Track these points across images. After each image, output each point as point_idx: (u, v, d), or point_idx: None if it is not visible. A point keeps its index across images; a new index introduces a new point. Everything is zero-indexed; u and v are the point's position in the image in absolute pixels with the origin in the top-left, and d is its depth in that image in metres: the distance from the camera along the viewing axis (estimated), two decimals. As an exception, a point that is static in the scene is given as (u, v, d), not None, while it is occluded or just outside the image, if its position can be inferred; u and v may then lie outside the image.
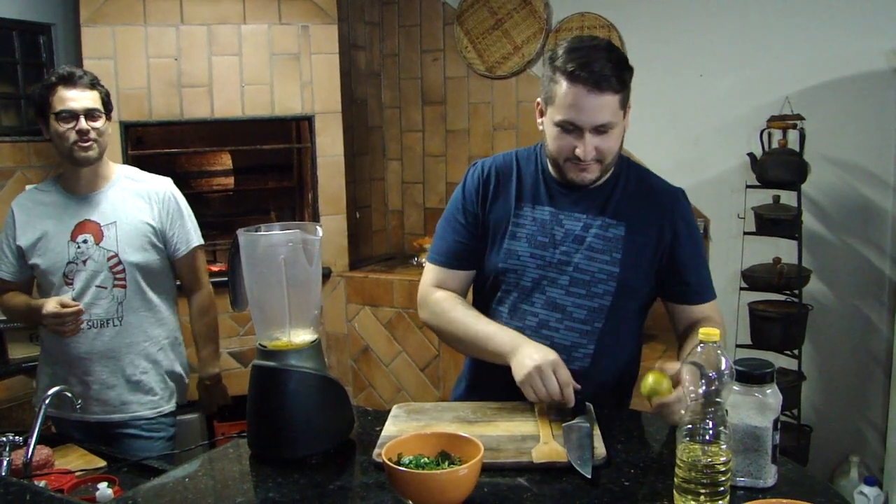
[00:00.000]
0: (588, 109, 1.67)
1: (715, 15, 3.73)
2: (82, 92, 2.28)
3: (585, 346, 1.81)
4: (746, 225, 3.47)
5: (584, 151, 1.70)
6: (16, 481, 1.59)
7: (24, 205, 2.40)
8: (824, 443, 3.60)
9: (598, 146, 1.71)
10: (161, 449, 2.42)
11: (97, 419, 2.38)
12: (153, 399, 2.43)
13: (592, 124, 1.68)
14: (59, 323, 2.23)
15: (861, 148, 3.49)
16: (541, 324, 1.82)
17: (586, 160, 1.71)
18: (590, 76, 1.65)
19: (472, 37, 4.29)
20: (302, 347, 1.55)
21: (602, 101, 1.67)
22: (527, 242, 1.82)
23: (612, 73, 1.66)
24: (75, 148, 2.27)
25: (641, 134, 3.99)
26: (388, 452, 1.31)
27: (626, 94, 1.72)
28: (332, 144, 3.98)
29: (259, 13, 3.79)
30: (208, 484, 1.48)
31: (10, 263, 2.40)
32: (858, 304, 3.57)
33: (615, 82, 1.67)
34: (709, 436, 1.21)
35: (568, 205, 1.82)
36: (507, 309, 1.85)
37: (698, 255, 1.87)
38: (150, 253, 2.39)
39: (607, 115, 1.68)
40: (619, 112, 1.71)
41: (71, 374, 2.36)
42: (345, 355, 4.16)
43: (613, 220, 1.80)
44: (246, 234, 1.57)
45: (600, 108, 1.67)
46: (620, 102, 1.70)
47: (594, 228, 1.80)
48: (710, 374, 1.25)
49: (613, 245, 1.79)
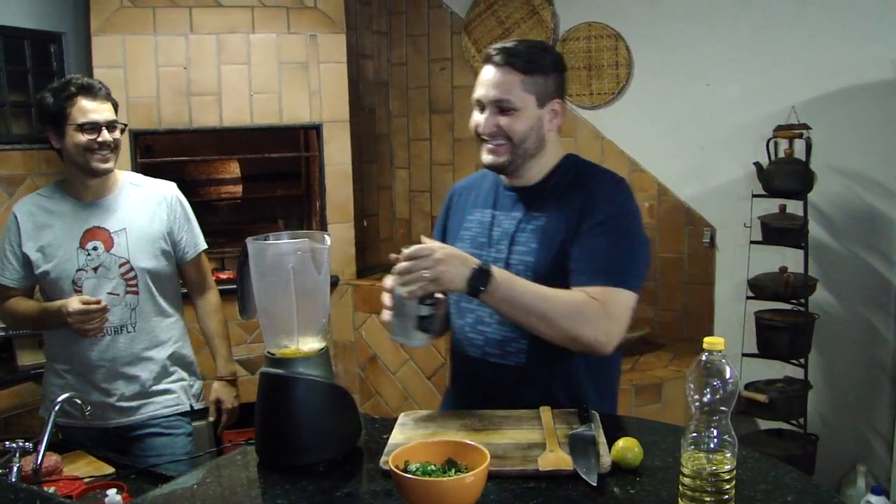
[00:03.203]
0: (488, 83, 1.77)
1: (721, 24, 3.74)
2: (102, 104, 2.29)
3: (518, 340, 1.81)
4: (753, 234, 3.47)
5: (483, 125, 1.78)
6: (26, 487, 1.61)
7: (29, 211, 2.37)
8: (831, 452, 3.59)
9: (500, 124, 1.77)
10: (183, 445, 2.44)
11: (115, 424, 2.38)
12: (170, 398, 2.45)
13: (489, 98, 1.77)
14: (85, 320, 2.23)
15: (867, 157, 3.49)
16: (477, 320, 1.86)
17: (484, 134, 1.79)
18: (498, 54, 1.77)
19: (479, 46, 4.30)
20: (310, 355, 1.56)
21: (503, 76, 1.76)
22: (469, 243, 1.88)
23: (523, 54, 1.76)
24: (94, 158, 2.28)
25: (648, 143, 4.02)
26: (396, 460, 1.32)
27: (537, 84, 1.77)
28: (340, 153, 4.00)
29: (268, 22, 3.82)
30: (216, 491, 1.49)
31: (15, 270, 2.38)
32: (865, 313, 3.57)
33: (521, 62, 1.75)
34: (713, 444, 1.22)
35: (509, 206, 1.88)
36: (455, 306, 1.92)
37: (600, 232, 1.74)
38: (161, 258, 2.41)
39: (506, 91, 1.75)
40: (525, 96, 1.76)
41: (85, 381, 2.36)
42: (352, 363, 4.17)
43: (537, 212, 1.83)
44: (255, 243, 1.58)
45: (500, 83, 1.76)
46: (526, 85, 1.76)
47: (523, 223, 1.84)
48: (715, 382, 1.25)
49: (531, 236, 1.81)
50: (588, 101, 4.10)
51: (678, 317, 4.05)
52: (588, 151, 4.15)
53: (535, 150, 1.82)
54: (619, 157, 4.07)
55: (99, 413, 2.33)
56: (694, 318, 4.00)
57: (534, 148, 1.82)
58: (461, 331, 1.91)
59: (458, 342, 1.93)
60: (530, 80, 1.76)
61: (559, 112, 1.83)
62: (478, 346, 1.86)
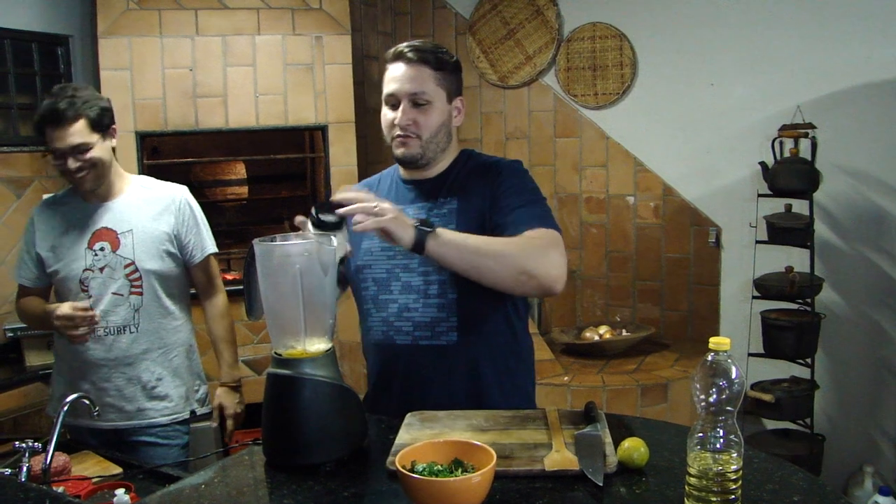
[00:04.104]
0: (403, 78, 1.86)
1: (726, 24, 3.74)
2: (68, 128, 2.23)
3: (447, 320, 1.86)
4: (758, 234, 3.47)
5: (399, 118, 1.85)
6: (36, 487, 1.61)
7: (43, 212, 2.44)
8: (837, 452, 3.58)
9: (415, 118, 1.85)
10: (176, 456, 2.44)
11: (112, 426, 2.40)
12: (168, 406, 2.46)
13: (405, 91, 1.85)
14: (70, 326, 2.24)
15: (873, 157, 3.49)
16: (401, 308, 1.89)
17: (403, 127, 1.85)
18: (408, 51, 1.87)
19: (484, 47, 4.31)
20: (316, 356, 1.57)
21: (417, 71, 1.85)
22: (377, 239, 1.88)
23: (432, 51, 1.87)
24: (74, 181, 2.33)
25: (653, 143, 4.02)
26: (402, 460, 1.33)
27: (446, 80, 1.89)
28: (346, 154, 4.00)
29: (273, 24, 3.83)
30: (223, 491, 1.49)
31: (30, 270, 2.44)
32: (871, 313, 3.56)
33: (432, 59, 1.86)
34: (720, 444, 1.22)
35: (413, 198, 1.94)
36: (372, 303, 1.94)
37: (514, 193, 1.85)
38: (167, 260, 2.42)
39: (421, 85, 1.85)
40: (438, 90, 1.87)
41: (87, 380, 2.39)
42: (358, 364, 4.17)
43: (446, 197, 1.90)
44: (261, 244, 1.58)
45: (415, 77, 1.85)
46: (438, 81, 1.87)
47: (433, 209, 1.90)
48: (721, 382, 1.26)
49: (448, 218, 1.87)
50: (593, 102, 4.10)
51: (684, 317, 4.05)
52: (593, 152, 4.16)
53: (445, 143, 1.92)
54: (624, 157, 4.07)
55: (100, 412, 2.34)
56: (700, 318, 4.00)
57: (444, 142, 1.92)
58: (384, 322, 1.92)
59: (380, 336, 1.94)
60: (440, 75, 1.87)
61: (461, 109, 1.95)
62: (406, 333, 1.90)
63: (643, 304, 4.18)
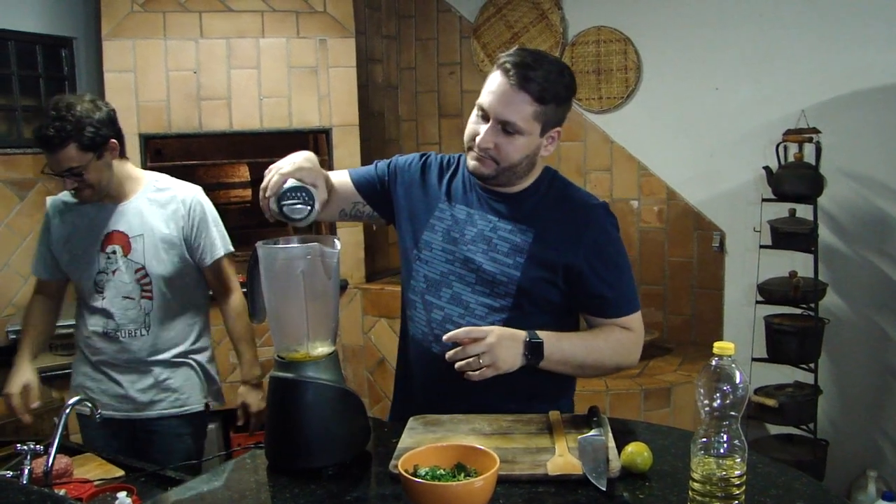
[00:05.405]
0: (499, 98, 1.71)
1: (730, 28, 3.74)
2: (59, 153, 2.21)
3: None
4: (762, 238, 3.47)
5: (482, 138, 1.74)
6: (37, 489, 1.62)
7: (59, 207, 2.44)
8: (841, 457, 3.57)
9: (497, 143, 1.73)
10: (189, 449, 2.47)
11: (124, 416, 2.42)
12: (181, 398, 2.47)
13: (498, 116, 1.71)
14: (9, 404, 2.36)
15: (877, 161, 3.48)
16: (445, 318, 1.83)
17: (481, 147, 1.75)
18: (516, 73, 1.70)
19: (488, 50, 4.31)
20: (319, 359, 1.57)
21: (516, 98, 1.70)
22: (441, 236, 1.86)
23: (540, 82, 1.70)
24: (75, 196, 2.34)
25: (657, 147, 4.02)
26: (405, 464, 1.32)
27: (546, 112, 1.73)
28: (349, 157, 4.00)
29: (277, 27, 3.83)
30: (226, 494, 1.49)
31: (46, 263, 2.47)
32: (875, 318, 3.56)
33: (536, 89, 1.70)
34: (723, 449, 1.22)
35: (486, 207, 1.86)
36: (419, 297, 1.88)
37: (616, 267, 1.82)
38: (178, 264, 2.42)
39: (515, 113, 1.71)
40: (532, 122, 1.73)
41: (103, 373, 2.43)
42: (361, 367, 4.17)
43: (523, 224, 1.82)
44: (265, 248, 1.58)
45: (512, 103, 1.70)
46: (536, 114, 1.72)
47: (502, 231, 1.82)
48: (725, 387, 1.25)
49: (518, 249, 1.80)
50: (597, 106, 4.10)
51: (687, 321, 4.04)
52: (597, 156, 4.15)
53: (525, 171, 1.82)
54: (628, 161, 4.06)
55: (112, 404, 2.40)
56: (703, 323, 3.99)
57: (523, 171, 1.81)
58: (427, 325, 1.86)
59: (420, 335, 1.89)
60: (542, 109, 1.72)
61: (556, 139, 1.82)
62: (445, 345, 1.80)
63: (646, 309, 4.17)
